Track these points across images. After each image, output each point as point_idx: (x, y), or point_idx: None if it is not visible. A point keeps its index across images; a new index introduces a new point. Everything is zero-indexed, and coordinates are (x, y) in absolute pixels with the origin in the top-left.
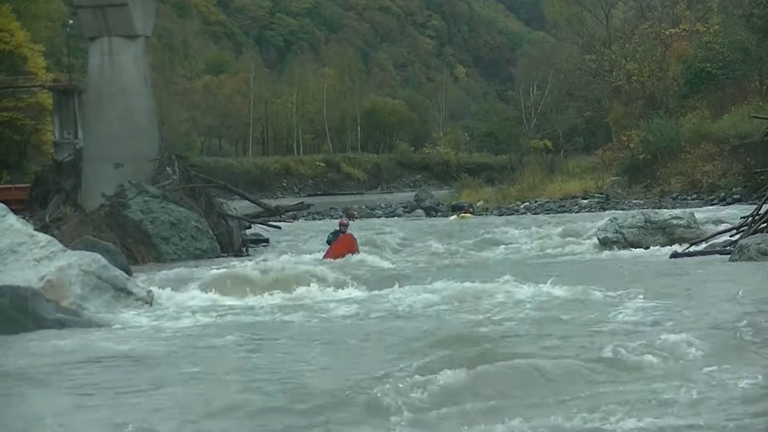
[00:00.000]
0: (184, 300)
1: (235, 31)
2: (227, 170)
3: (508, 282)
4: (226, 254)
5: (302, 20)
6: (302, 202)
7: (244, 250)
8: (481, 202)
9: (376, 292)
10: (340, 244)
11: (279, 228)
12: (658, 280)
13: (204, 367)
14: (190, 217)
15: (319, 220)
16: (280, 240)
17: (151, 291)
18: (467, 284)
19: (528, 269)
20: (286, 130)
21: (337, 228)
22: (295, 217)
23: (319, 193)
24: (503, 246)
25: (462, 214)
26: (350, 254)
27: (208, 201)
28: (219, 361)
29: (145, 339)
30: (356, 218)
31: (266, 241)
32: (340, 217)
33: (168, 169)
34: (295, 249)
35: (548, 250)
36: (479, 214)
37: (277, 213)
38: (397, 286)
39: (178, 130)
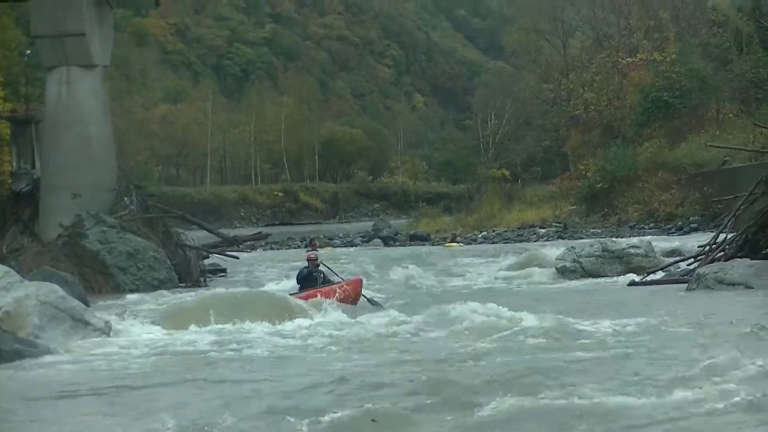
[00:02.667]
0: (142, 331)
1: (192, 60)
2: (185, 200)
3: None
4: (183, 284)
5: (260, 49)
6: (260, 232)
7: (202, 280)
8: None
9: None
10: (351, 287)
11: (237, 258)
12: (616, 310)
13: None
14: (147, 247)
15: (277, 249)
16: (239, 270)
17: (108, 321)
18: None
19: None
20: (243, 159)
21: (306, 266)
22: (253, 247)
23: (277, 222)
24: (460, 275)
25: (448, 243)
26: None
27: (165, 231)
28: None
29: (101, 370)
30: (319, 248)
31: (224, 271)
32: (307, 249)
33: (125, 199)
34: (254, 279)
35: (506, 280)
36: (468, 243)
37: (234, 243)
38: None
39: (135, 160)
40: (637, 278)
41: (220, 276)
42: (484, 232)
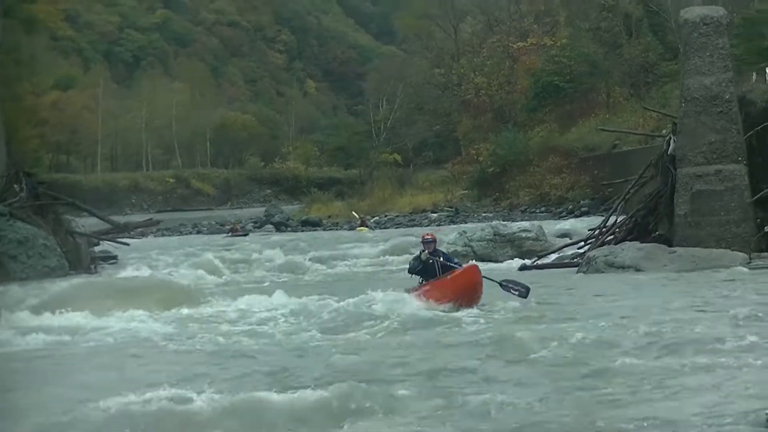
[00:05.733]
0: (31, 319)
1: (83, 46)
2: (76, 187)
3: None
4: (74, 271)
5: (151, 35)
6: (151, 219)
7: (93, 267)
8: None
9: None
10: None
11: (128, 245)
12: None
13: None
14: (38, 235)
15: (169, 236)
16: (130, 257)
17: None
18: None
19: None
20: (135, 145)
21: (422, 250)
22: (144, 234)
23: (169, 209)
24: (347, 260)
25: (359, 228)
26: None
27: (56, 218)
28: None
29: None
30: (241, 234)
31: (115, 258)
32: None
33: (15, 186)
34: (145, 265)
35: (393, 265)
36: (377, 228)
37: (125, 229)
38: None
39: (25, 147)
40: (527, 262)
41: (111, 263)
42: (377, 217)
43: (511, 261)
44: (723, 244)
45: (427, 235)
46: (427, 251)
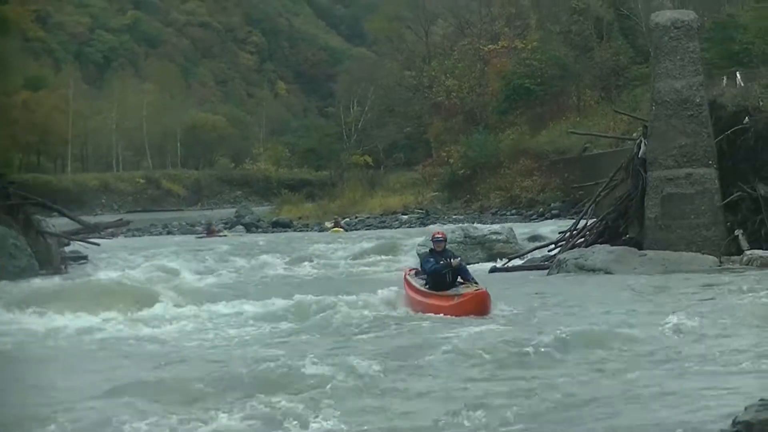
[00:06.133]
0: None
1: (54, 47)
2: (46, 187)
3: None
4: (44, 271)
5: (122, 36)
6: (121, 219)
7: (64, 267)
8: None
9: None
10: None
11: (98, 245)
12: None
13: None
14: (7, 235)
15: (140, 236)
16: (100, 257)
17: None
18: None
19: (341, 285)
20: (105, 146)
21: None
22: (114, 234)
23: (139, 209)
24: (319, 261)
25: (334, 229)
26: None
27: (26, 218)
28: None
29: None
30: (220, 235)
31: (85, 258)
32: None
33: None
34: (115, 266)
35: (364, 267)
36: (351, 230)
37: (96, 230)
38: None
39: None
40: (498, 264)
41: (81, 263)
42: (347, 219)
43: (481, 264)
44: (693, 247)
45: (438, 233)
46: (437, 249)
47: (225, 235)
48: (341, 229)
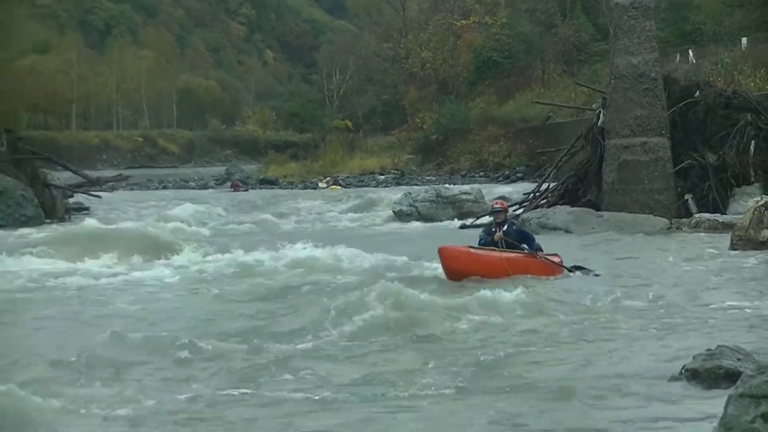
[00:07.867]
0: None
1: (59, 13)
2: (52, 143)
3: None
4: (49, 221)
5: (122, 6)
6: (121, 174)
7: (67, 217)
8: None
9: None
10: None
11: (99, 197)
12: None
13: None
14: (16, 186)
15: (138, 190)
16: (101, 208)
17: None
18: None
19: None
20: (106, 106)
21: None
22: (114, 188)
23: (137, 165)
24: (304, 216)
25: (332, 186)
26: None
27: (33, 171)
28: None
29: None
30: (242, 190)
31: (87, 209)
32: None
33: None
34: (116, 216)
35: (346, 222)
36: (347, 187)
37: (97, 183)
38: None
39: (6, 106)
40: (467, 222)
41: (84, 214)
42: (328, 178)
43: (451, 221)
44: (646, 210)
45: (497, 203)
46: (496, 221)
47: (246, 190)
48: (338, 187)
